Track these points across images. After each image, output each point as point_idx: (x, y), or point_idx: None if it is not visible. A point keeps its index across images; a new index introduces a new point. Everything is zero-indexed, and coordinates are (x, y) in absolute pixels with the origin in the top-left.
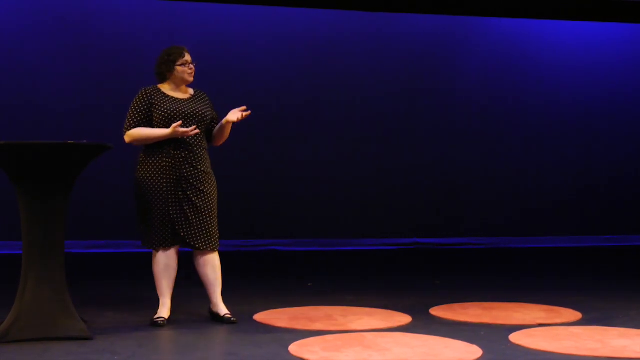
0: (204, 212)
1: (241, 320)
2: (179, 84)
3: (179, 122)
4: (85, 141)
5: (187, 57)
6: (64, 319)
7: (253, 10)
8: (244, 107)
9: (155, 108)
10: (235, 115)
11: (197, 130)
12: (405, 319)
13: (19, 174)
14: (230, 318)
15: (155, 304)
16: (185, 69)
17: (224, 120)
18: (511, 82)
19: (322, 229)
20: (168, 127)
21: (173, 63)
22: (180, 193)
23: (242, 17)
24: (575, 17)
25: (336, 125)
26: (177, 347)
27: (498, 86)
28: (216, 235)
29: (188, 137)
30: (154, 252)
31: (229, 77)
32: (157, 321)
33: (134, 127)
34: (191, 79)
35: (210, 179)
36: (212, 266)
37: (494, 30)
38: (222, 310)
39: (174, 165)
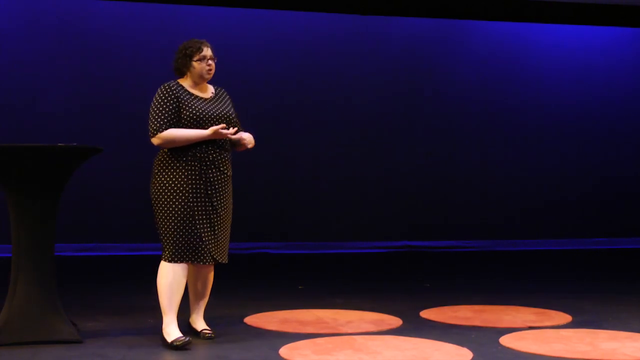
0: (226, 222)
1: (232, 323)
2: (197, 81)
3: (223, 125)
4: (75, 144)
5: (206, 52)
6: (53, 323)
7: (253, 13)
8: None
9: (183, 107)
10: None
11: (234, 131)
12: (395, 321)
13: (7, 177)
14: (210, 334)
15: (146, 306)
16: (204, 66)
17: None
18: (507, 85)
19: (313, 231)
20: (196, 128)
21: (190, 58)
22: (206, 200)
23: (242, 19)
24: (574, 21)
25: (328, 128)
26: (167, 350)
27: (493, 89)
28: (228, 245)
29: (219, 139)
30: (164, 262)
31: (227, 78)
32: (183, 343)
33: (166, 128)
34: (209, 76)
35: (231, 183)
36: (204, 280)
37: (493, 32)
38: (201, 325)
39: (201, 169)
